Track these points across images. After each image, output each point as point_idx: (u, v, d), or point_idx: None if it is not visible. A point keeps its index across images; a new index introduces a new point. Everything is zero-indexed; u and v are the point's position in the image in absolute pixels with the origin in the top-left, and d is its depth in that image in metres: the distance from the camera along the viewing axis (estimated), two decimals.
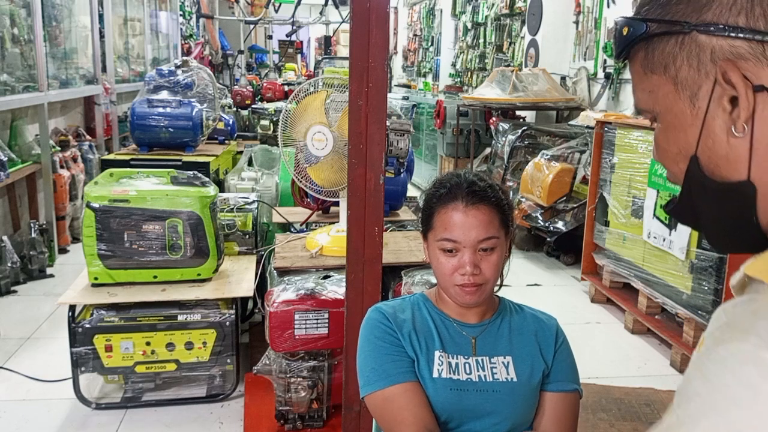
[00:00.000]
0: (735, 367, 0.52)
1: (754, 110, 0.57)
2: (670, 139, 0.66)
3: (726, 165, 0.61)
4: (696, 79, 0.61)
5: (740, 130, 0.59)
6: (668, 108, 0.64)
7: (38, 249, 3.89)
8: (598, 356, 3.15)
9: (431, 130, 7.11)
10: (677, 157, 0.66)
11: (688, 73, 0.61)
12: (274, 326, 2.12)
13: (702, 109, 0.61)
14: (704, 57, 0.59)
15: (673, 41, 0.61)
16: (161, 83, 4.11)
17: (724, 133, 0.60)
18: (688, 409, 0.55)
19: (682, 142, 0.64)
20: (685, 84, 0.62)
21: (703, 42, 0.59)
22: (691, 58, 0.60)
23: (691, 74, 0.61)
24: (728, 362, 0.53)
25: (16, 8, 4.02)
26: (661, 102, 0.65)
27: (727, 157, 0.60)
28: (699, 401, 0.54)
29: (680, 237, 2.98)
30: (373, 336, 1.21)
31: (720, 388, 0.53)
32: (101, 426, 2.39)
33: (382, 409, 1.16)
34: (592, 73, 5.17)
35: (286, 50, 9.15)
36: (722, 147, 0.60)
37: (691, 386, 0.56)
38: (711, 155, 0.62)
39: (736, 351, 0.53)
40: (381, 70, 1.66)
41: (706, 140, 0.61)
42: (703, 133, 0.61)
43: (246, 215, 2.84)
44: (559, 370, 1.23)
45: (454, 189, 1.19)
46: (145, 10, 7.00)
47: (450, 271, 1.17)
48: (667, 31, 0.61)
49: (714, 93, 0.59)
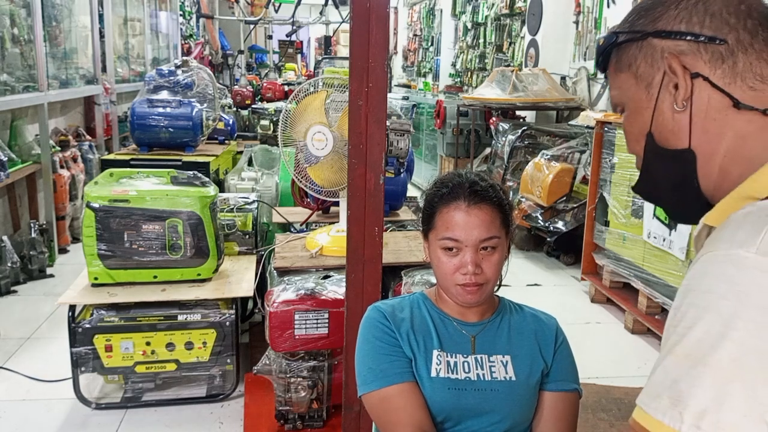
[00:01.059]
0: (713, 269, 0.63)
1: (692, 92, 0.75)
2: (633, 122, 0.83)
3: (673, 137, 0.77)
4: (651, 72, 0.78)
5: (680, 105, 0.75)
6: (631, 97, 0.81)
7: (38, 249, 3.89)
8: (598, 356, 3.15)
9: (431, 130, 7.11)
10: (638, 136, 0.82)
11: (645, 68, 0.79)
12: (274, 326, 2.12)
13: (654, 95, 0.78)
14: (656, 55, 0.77)
15: (635, 46, 0.79)
16: (161, 83, 4.11)
17: (670, 111, 0.77)
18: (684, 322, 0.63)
19: (641, 123, 0.81)
20: (643, 77, 0.79)
21: (656, 44, 0.77)
22: (647, 57, 0.78)
23: (647, 69, 0.79)
24: (706, 268, 0.64)
25: (16, 8, 4.02)
26: (626, 93, 0.82)
27: (673, 129, 0.77)
28: (692, 311, 0.63)
29: (680, 237, 2.98)
30: (371, 335, 1.21)
31: (706, 291, 0.62)
32: (101, 426, 2.39)
33: (378, 409, 1.17)
34: (592, 73, 5.17)
35: (286, 50, 9.15)
36: (669, 122, 0.77)
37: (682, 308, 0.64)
38: (662, 130, 0.78)
39: (711, 258, 0.64)
40: (381, 70, 1.66)
41: (657, 118, 0.78)
42: (655, 113, 0.78)
43: (246, 215, 2.84)
44: (558, 369, 1.23)
45: (456, 188, 1.19)
46: (145, 10, 7.00)
47: (451, 270, 1.17)
48: (631, 38, 0.80)
49: (663, 81, 0.77)
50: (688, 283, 0.65)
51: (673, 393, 0.61)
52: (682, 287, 0.66)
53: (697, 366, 0.60)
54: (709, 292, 0.62)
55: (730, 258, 0.62)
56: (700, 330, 0.60)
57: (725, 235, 0.65)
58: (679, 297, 0.66)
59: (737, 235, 0.63)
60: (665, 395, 0.62)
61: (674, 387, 0.61)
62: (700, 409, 0.58)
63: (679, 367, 0.61)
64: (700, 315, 0.61)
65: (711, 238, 0.68)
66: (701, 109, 0.74)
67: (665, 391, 0.62)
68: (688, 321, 0.62)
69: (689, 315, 0.62)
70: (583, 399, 1.26)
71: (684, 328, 0.62)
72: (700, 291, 0.63)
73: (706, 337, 0.60)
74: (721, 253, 0.63)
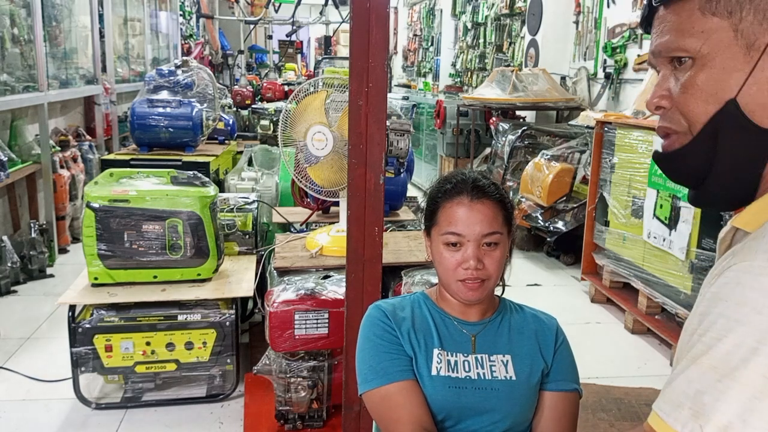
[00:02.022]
0: (750, 281, 0.58)
1: None
2: (710, 79, 0.69)
3: (762, 112, 0.67)
4: (758, 31, 0.66)
5: None
6: (720, 50, 0.68)
7: (38, 249, 3.89)
8: (598, 356, 3.15)
9: (431, 130, 7.11)
10: (710, 98, 0.69)
11: (751, 23, 0.66)
12: (274, 326, 2.12)
13: (754, 59, 0.66)
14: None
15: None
16: (161, 83, 4.11)
17: (766, 84, 0.66)
18: (713, 332, 0.59)
19: (723, 84, 0.68)
20: (745, 33, 0.66)
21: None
22: (758, 12, 0.65)
23: (754, 26, 0.66)
24: (742, 279, 0.59)
25: (16, 8, 4.02)
26: (714, 43, 0.68)
27: (764, 104, 0.66)
28: (722, 321, 0.59)
29: (680, 237, 2.98)
30: (372, 334, 1.21)
31: (740, 302, 0.58)
32: (101, 426, 2.39)
33: (379, 407, 1.17)
34: (592, 73, 5.17)
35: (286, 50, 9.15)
36: (764, 95, 0.66)
37: (710, 316, 0.60)
38: (750, 101, 0.67)
39: (748, 268, 0.59)
40: (381, 70, 1.66)
41: (751, 86, 0.67)
42: (749, 80, 0.66)
43: (246, 215, 2.84)
44: (558, 369, 1.23)
45: (460, 185, 1.20)
46: (145, 10, 7.00)
47: (453, 265, 1.18)
48: None
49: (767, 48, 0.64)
50: (719, 291, 0.61)
51: (695, 404, 0.58)
52: (709, 294, 0.63)
53: (725, 379, 0.57)
54: (743, 304, 0.58)
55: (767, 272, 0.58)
56: (730, 342, 0.58)
57: (763, 245, 0.60)
58: (706, 304, 0.62)
59: None
60: (687, 405, 0.59)
61: (698, 398, 0.58)
62: (724, 423, 0.56)
63: (705, 378, 0.58)
64: (731, 327, 0.58)
65: (746, 245, 0.63)
66: None
67: (687, 401, 0.59)
68: (717, 332, 0.59)
69: (718, 325, 0.59)
70: (583, 399, 1.26)
71: (712, 339, 0.59)
72: (732, 302, 0.59)
73: (737, 350, 0.57)
74: (758, 264, 0.59)
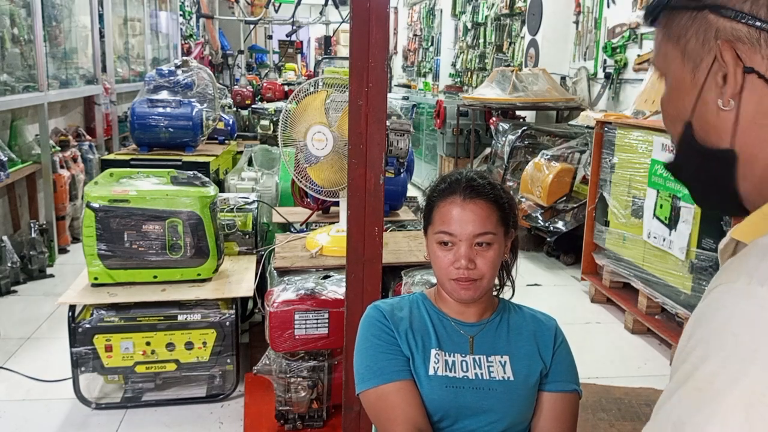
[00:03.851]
0: (730, 305, 0.56)
1: (742, 89, 0.64)
2: (672, 102, 0.73)
3: (714, 133, 0.67)
4: (700, 53, 0.67)
5: (725, 104, 0.65)
6: (674, 73, 0.71)
7: (38, 249, 3.89)
8: (598, 356, 3.15)
9: (431, 130, 7.10)
10: (676, 119, 0.72)
11: (694, 46, 0.67)
12: (274, 326, 2.12)
13: (700, 80, 0.67)
14: (710, 34, 0.66)
15: (688, 15, 0.68)
16: (161, 83, 4.11)
17: (714, 105, 0.66)
18: (695, 356, 0.57)
19: (681, 107, 0.71)
20: (690, 55, 0.68)
21: (712, 21, 0.65)
22: (699, 34, 0.67)
23: (697, 47, 0.67)
24: (723, 302, 0.57)
25: (16, 8, 4.02)
26: (669, 67, 0.72)
27: (715, 126, 0.67)
28: (703, 346, 0.57)
29: (680, 237, 2.98)
30: (369, 334, 1.22)
31: (719, 328, 0.56)
32: (101, 426, 2.39)
33: (375, 407, 1.17)
34: (592, 73, 5.17)
35: (286, 50, 9.15)
36: (712, 116, 0.67)
37: (694, 338, 0.58)
38: (702, 123, 0.68)
39: (729, 290, 0.58)
40: (381, 70, 1.66)
41: (700, 108, 0.68)
42: (698, 102, 0.68)
43: (246, 215, 2.84)
44: (557, 370, 1.23)
45: (454, 184, 1.20)
46: (145, 10, 7.00)
47: (446, 264, 1.18)
48: (685, 5, 0.68)
49: (712, 68, 0.66)
50: (701, 314, 0.59)
51: None
52: (695, 314, 0.61)
53: (704, 408, 0.55)
54: (721, 330, 0.56)
55: (749, 295, 0.56)
56: (708, 371, 0.55)
57: (746, 265, 0.58)
58: (691, 325, 0.60)
59: (760, 268, 0.57)
60: None
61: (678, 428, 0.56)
62: None
63: (684, 406, 0.57)
64: (709, 354, 0.56)
65: (731, 265, 0.60)
66: (749, 110, 0.64)
67: (669, 427, 0.57)
68: (697, 358, 0.57)
69: (698, 351, 0.57)
70: (583, 399, 1.26)
71: (692, 365, 0.57)
72: (712, 327, 0.57)
73: (714, 379, 0.55)
74: (738, 287, 0.57)
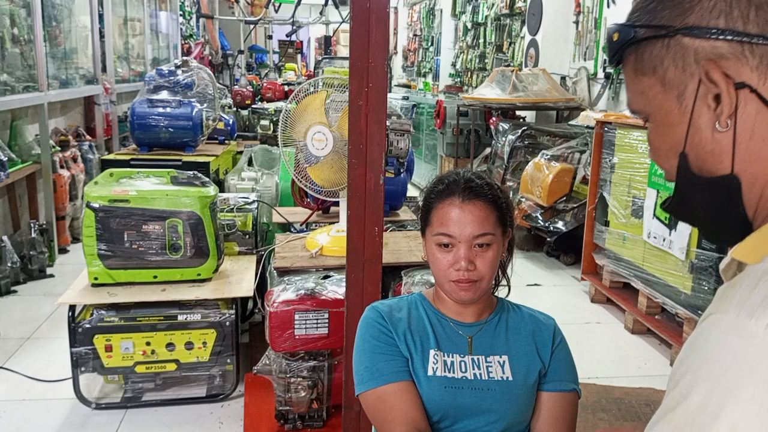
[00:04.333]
0: (719, 338, 0.55)
1: (736, 106, 0.61)
2: (661, 137, 0.69)
3: (712, 159, 0.64)
4: (682, 79, 0.64)
5: (723, 125, 0.62)
6: (658, 107, 0.67)
7: (38, 249, 3.89)
8: (598, 356, 3.15)
9: (431, 130, 7.10)
10: (668, 153, 0.68)
11: (674, 73, 0.64)
12: (274, 326, 2.12)
13: (688, 107, 0.64)
14: (689, 58, 0.62)
15: (659, 44, 0.64)
16: (161, 83, 4.11)
17: (709, 129, 0.63)
18: (681, 386, 0.57)
19: (672, 140, 0.67)
20: (672, 84, 0.65)
21: (687, 44, 0.62)
22: (677, 60, 0.63)
23: (677, 74, 0.64)
24: (712, 333, 0.56)
25: (16, 8, 4.02)
26: (651, 102, 0.68)
27: (712, 151, 0.63)
28: (690, 375, 0.57)
29: (680, 237, 2.98)
30: (368, 335, 1.22)
31: (707, 359, 0.55)
32: (101, 426, 2.39)
33: (374, 408, 1.17)
34: (592, 73, 5.17)
35: (286, 50, 9.15)
36: (708, 142, 0.63)
37: (683, 365, 0.58)
38: (698, 151, 0.65)
39: (719, 321, 0.56)
40: (381, 70, 1.66)
41: (693, 137, 0.64)
42: (690, 130, 0.64)
43: (246, 215, 2.84)
44: (556, 370, 1.23)
45: (452, 185, 1.20)
46: (145, 10, 7.00)
47: (446, 266, 1.18)
48: (654, 35, 0.64)
49: (699, 91, 0.63)
50: (693, 341, 0.59)
51: None
52: (689, 339, 0.60)
53: None
54: (710, 362, 0.55)
55: (737, 328, 0.54)
56: (694, 403, 0.55)
57: (738, 295, 0.56)
58: (684, 350, 0.60)
59: (751, 299, 0.55)
60: None
61: None
62: None
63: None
64: (696, 385, 0.56)
65: (724, 293, 0.59)
66: (747, 127, 0.61)
67: None
68: (684, 387, 0.57)
69: (686, 380, 0.57)
70: (583, 399, 1.26)
71: (679, 394, 0.57)
72: (701, 357, 0.56)
73: (700, 412, 0.54)
74: (728, 318, 0.56)
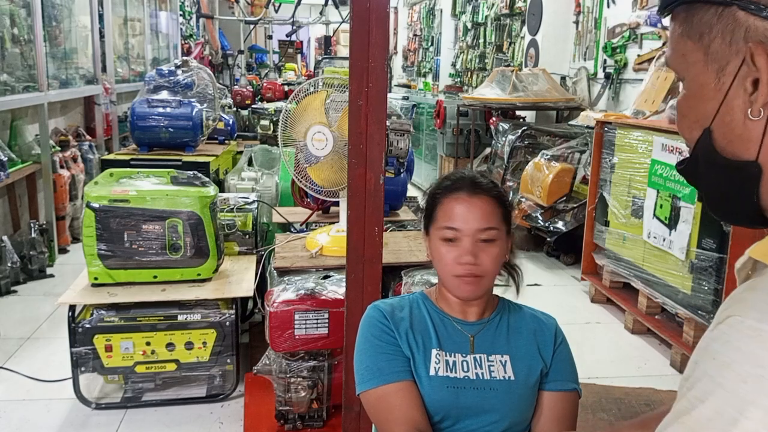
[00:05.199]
0: (738, 342, 0.53)
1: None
2: (691, 108, 0.66)
3: (739, 143, 0.61)
4: (726, 54, 0.60)
5: (756, 114, 0.59)
6: (694, 77, 0.64)
7: (38, 249, 3.89)
8: (598, 356, 3.15)
9: (431, 130, 7.10)
10: (694, 125, 0.66)
11: (720, 46, 0.61)
12: (274, 326, 2.12)
13: (726, 85, 0.61)
14: (738, 34, 0.59)
15: (712, 11, 0.60)
16: (161, 83, 4.11)
17: (741, 113, 0.60)
18: (697, 389, 0.55)
19: (701, 113, 0.64)
20: (715, 56, 0.61)
21: (741, 18, 0.58)
22: (726, 33, 0.60)
23: (722, 48, 0.60)
24: (732, 338, 0.54)
25: (16, 8, 4.02)
26: (690, 69, 0.65)
27: (741, 136, 0.61)
28: (707, 380, 0.55)
29: (680, 237, 2.98)
30: (369, 334, 1.22)
31: (726, 365, 0.53)
32: (101, 426, 2.39)
33: (375, 407, 1.17)
34: (592, 73, 5.17)
35: (286, 50, 9.15)
36: (738, 125, 0.61)
37: (699, 368, 0.56)
38: (726, 131, 0.62)
39: (739, 326, 0.54)
40: (381, 70, 1.66)
41: (723, 116, 0.62)
42: (721, 109, 0.62)
43: (246, 215, 2.84)
44: (557, 369, 1.23)
45: (459, 181, 1.22)
46: (145, 10, 7.00)
47: (450, 261, 1.18)
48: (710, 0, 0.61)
49: (740, 71, 0.59)
50: (708, 345, 0.57)
51: None
52: (704, 340, 0.58)
53: None
54: (728, 367, 0.53)
55: (757, 334, 0.53)
56: (710, 408, 0.54)
57: (757, 299, 0.55)
58: (699, 354, 0.58)
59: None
60: None
61: None
62: None
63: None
64: (713, 390, 0.54)
65: (743, 296, 0.57)
66: None
67: None
68: (700, 391, 0.55)
69: (702, 384, 0.55)
70: (583, 399, 1.26)
71: (695, 398, 0.56)
72: (718, 362, 0.54)
73: (717, 418, 0.53)
74: (748, 324, 0.54)
